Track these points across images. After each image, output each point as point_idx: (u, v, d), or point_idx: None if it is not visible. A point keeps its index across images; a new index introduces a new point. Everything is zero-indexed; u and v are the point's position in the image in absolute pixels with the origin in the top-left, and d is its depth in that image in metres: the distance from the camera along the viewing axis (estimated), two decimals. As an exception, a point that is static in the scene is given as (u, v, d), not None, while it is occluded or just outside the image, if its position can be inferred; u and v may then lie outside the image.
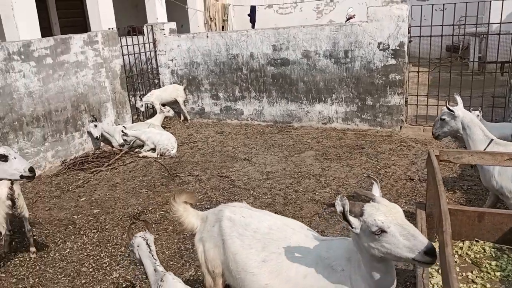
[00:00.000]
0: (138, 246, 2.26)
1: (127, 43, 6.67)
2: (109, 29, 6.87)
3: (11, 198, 3.05)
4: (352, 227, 1.51)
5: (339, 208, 1.48)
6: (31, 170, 2.39)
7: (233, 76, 6.80)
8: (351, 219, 1.51)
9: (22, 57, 4.77)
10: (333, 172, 4.65)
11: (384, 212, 1.48)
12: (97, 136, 5.49)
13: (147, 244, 2.25)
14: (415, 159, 4.85)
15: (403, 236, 1.43)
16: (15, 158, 2.38)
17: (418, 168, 4.59)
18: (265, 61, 6.43)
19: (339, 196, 1.51)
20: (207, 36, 6.85)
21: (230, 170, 4.93)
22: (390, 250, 1.45)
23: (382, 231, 1.45)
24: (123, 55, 6.45)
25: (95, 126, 5.45)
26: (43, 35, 6.85)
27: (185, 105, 7.21)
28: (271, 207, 3.92)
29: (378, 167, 4.69)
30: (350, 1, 13.25)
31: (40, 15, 8.89)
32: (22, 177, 2.38)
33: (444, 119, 3.14)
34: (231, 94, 6.93)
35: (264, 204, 3.99)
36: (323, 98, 6.21)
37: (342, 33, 5.83)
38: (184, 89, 7.10)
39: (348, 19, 10.30)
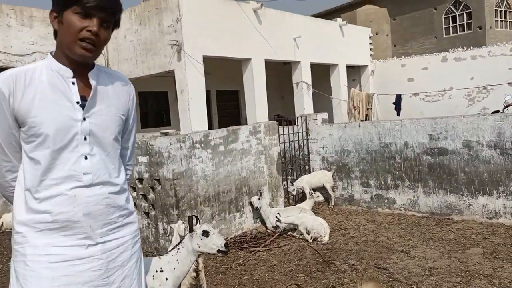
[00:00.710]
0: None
1: (283, 132, 7.29)
2: (275, 117, 7.60)
3: (196, 270, 3.42)
4: None
5: None
6: (226, 246, 2.70)
7: (385, 164, 6.80)
8: None
9: (202, 145, 5.55)
10: (508, 274, 4.17)
11: None
12: (256, 207, 6.14)
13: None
14: None
15: None
16: (214, 234, 2.73)
17: None
18: (420, 150, 6.33)
19: None
20: (359, 126, 7.09)
21: (387, 262, 4.76)
22: None
23: None
24: (279, 143, 7.02)
25: (259, 199, 6.14)
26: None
27: (333, 191, 7.36)
28: (439, 307, 3.63)
29: None
30: (505, 87, 12.48)
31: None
32: (218, 251, 2.70)
33: None
34: (382, 182, 6.88)
35: (431, 302, 3.72)
36: (487, 191, 5.77)
37: (508, 123, 5.50)
38: (332, 175, 7.32)
39: (506, 107, 9.66)
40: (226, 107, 16.61)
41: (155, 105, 15.17)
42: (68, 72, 1.53)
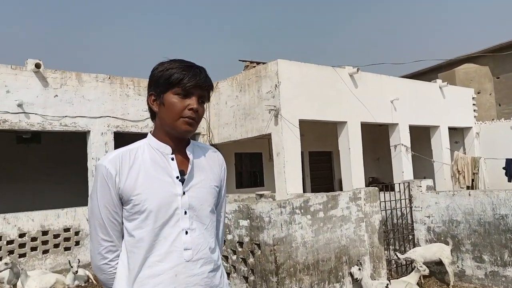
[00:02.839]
0: None
1: (384, 198, 6.99)
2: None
3: None
4: None
5: None
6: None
7: (501, 237, 6.13)
8: None
9: (302, 211, 5.52)
10: None
11: None
12: (357, 278, 5.80)
13: None
14: None
15: None
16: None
17: None
18: (545, 225, 5.63)
19: None
20: (469, 194, 6.56)
21: None
22: None
23: None
24: (380, 210, 6.72)
25: (359, 269, 5.81)
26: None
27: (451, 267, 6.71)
28: None
29: None
30: None
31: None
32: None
33: None
34: (498, 258, 6.18)
35: None
36: None
37: None
38: (451, 251, 6.69)
39: None
40: (319, 169, 16.52)
41: (249, 165, 15.62)
42: (167, 149, 1.62)
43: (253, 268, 5.46)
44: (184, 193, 1.59)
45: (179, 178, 1.60)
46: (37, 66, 8.85)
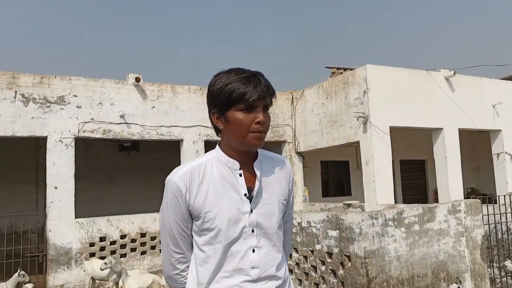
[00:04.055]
0: None
1: (487, 211, 6.42)
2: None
3: None
4: None
5: None
6: None
7: None
8: None
9: (395, 223, 5.27)
10: None
11: None
12: None
13: None
14: None
15: None
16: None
17: None
18: None
19: None
20: None
21: None
22: None
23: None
24: (483, 224, 6.18)
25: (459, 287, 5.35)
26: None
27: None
28: None
29: None
30: None
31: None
32: None
33: None
34: None
35: None
36: None
37: None
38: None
39: None
40: (411, 178, 15.67)
41: (335, 174, 15.31)
42: (235, 164, 1.59)
43: (343, 281, 5.32)
44: (251, 210, 1.57)
45: (247, 195, 1.58)
46: (137, 79, 9.56)
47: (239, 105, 1.51)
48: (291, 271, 6.29)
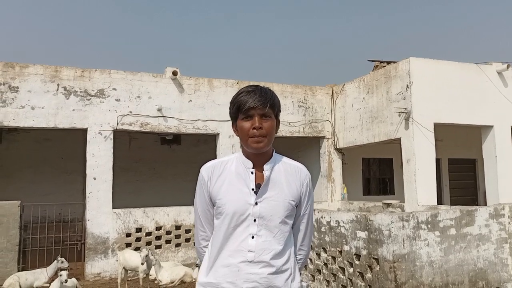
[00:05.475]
0: None
1: (537, 217, 5.88)
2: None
3: None
4: None
5: None
6: None
7: None
8: None
9: (429, 226, 4.94)
10: None
11: None
12: None
13: None
14: None
15: None
16: None
17: None
18: None
19: None
20: None
21: None
22: None
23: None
24: (531, 231, 5.66)
25: None
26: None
27: None
28: None
29: None
30: None
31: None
32: None
33: None
34: None
35: None
36: None
37: None
38: None
39: None
40: (460, 178, 14.84)
41: (378, 172, 14.79)
42: (249, 163, 1.92)
43: (370, 284, 5.06)
44: (256, 203, 1.86)
45: (254, 190, 1.87)
46: (174, 73, 9.63)
47: (241, 115, 1.87)
48: (319, 271, 6.10)
